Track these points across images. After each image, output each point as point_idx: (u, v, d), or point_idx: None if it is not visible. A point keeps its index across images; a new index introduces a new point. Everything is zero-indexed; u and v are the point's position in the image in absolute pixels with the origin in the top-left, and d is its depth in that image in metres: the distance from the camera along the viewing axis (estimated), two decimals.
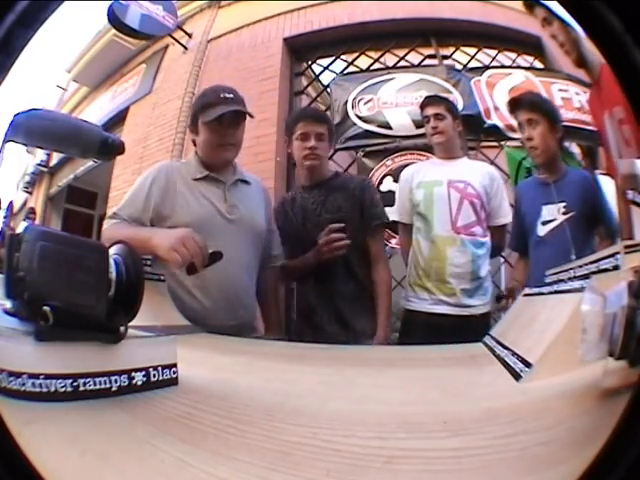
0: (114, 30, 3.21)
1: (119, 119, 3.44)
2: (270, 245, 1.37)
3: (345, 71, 3.03)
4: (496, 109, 2.62)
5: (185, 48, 3.43)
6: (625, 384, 0.35)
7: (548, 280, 0.85)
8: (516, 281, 1.57)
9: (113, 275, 0.48)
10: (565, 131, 1.50)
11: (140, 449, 0.35)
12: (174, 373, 0.49)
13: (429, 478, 0.33)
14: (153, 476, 0.32)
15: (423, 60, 2.97)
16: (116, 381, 0.43)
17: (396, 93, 2.73)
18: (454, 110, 1.66)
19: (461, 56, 3.00)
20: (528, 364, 0.53)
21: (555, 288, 0.68)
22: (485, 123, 2.62)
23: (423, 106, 1.64)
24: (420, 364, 0.72)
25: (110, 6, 2.92)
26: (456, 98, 2.61)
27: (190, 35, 3.48)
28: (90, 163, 3.25)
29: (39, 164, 4.08)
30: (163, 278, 1.23)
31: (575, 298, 0.53)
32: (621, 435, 0.30)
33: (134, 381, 0.45)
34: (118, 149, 0.62)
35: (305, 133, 1.43)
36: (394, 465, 0.34)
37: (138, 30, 3.03)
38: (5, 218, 0.58)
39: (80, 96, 4.19)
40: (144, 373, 0.46)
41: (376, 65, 3.02)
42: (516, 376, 0.54)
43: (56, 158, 3.98)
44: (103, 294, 0.47)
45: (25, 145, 0.55)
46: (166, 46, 3.59)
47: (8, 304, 0.45)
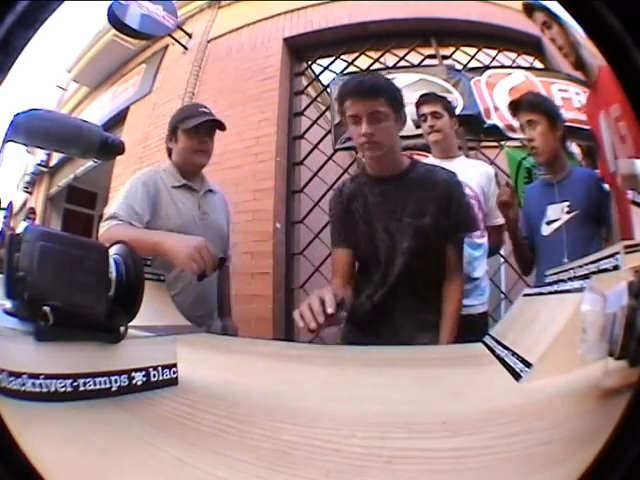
0: (114, 30, 3.20)
1: (119, 119, 3.44)
2: (227, 245, 1.55)
3: (345, 71, 3.03)
4: (496, 109, 2.62)
5: (185, 48, 3.43)
6: (625, 384, 0.35)
7: (548, 280, 0.85)
8: None
9: (113, 275, 0.48)
10: (565, 129, 1.50)
11: (140, 449, 0.35)
12: (174, 373, 0.49)
13: (429, 478, 0.33)
14: (153, 476, 0.32)
15: (423, 60, 2.97)
16: (116, 381, 0.43)
17: None
18: (451, 108, 1.65)
19: (461, 56, 3.00)
20: (528, 364, 0.53)
21: (555, 288, 0.68)
22: (485, 123, 2.62)
23: (419, 104, 1.62)
24: (420, 364, 0.72)
25: (110, 6, 2.92)
26: (456, 98, 2.62)
27: (190, 35, 3.48)
28: (90, 163, 3.25)
29: (39, 164, 4.08)
30: (163, 278, 1.25)
31: (575, 298, 0.53)
32: (621, 435, 0.30)
33: (134, 381, 0.45)
34: (118, 149, 0.62)
35: (355, 115, 1.13)
36: (394, 465, 0.34)
37: (138, 30, 3.03)
38: (5, 218, 0.58)
39: (80, 96, 4.19)
40: (144, 373, 0.46)
41: (376, 65, 3.02)
42: (516, 376, 0.54)
43: (56, 158, 3.98)
44: (103, 294, 0.47)
45: (25, 145, 0.55)
46: (166, 46, 3.59)
47: (8, 304, 0.45)
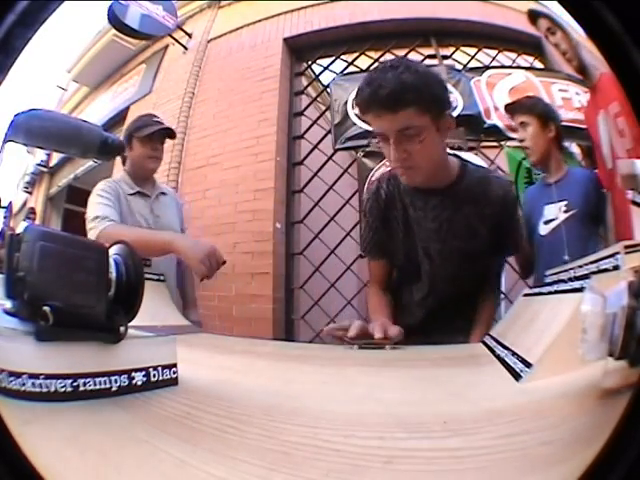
0: (114, 30, 3.20)
1: (119, 119, 3.43)
2: None
3: (345, 71, 3.03)
4: (496, 109, 2.62)
5: (185, 48, 3.43)
6: (625, 384, 0.35)
7: (548, 280, 0.85)
8: None
9: (113, 275, 0.48)
10: (560, 130, 1.51)
11: (140, 449, 0.35)
12: (174, 373, 0.49)
13: (429, 478, 0.33)
14: (153, 476, 0.32)
15: (423, 60, 2.97)
16: (116, 381, 0.43)
17: None
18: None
19: (461, 56, 3.00)
20: (528, 364, 0.53)
21: (555, 288, 0.68)
22: (485, 123, 2.62)
23: None
24: (420, 364, 0.72)
25: (110, 6, 2.92)
26: (456, 98, 2.62)
27: (190, 35, 3.48)
28: (90, 163, 3.25)
29: (39, 164, 4.08)
30: (163, 278, 1.26)
31: (575, 298, 0.53)
32: (621, 435, 0.30)
33: (134, 381, 0.45)
34: (118, 149, 0.62)
35: (380, 134, 0.91)
36: (394, 465, 0.34)
37: (138, 30, 3.03)
38: (5, 218, 0.58)
39: (80, 96, 4.19)
40: (144, 373, 0.46)
41: (376, 65, 3.01)
42: (516, 376, 0.54)
43: (56, 158, 3.99)
44: (103, 294, 0.47)
45: (25, 145, 0.55)
46: (166, 46, 3.59)
47: (8, 304, 0.45)
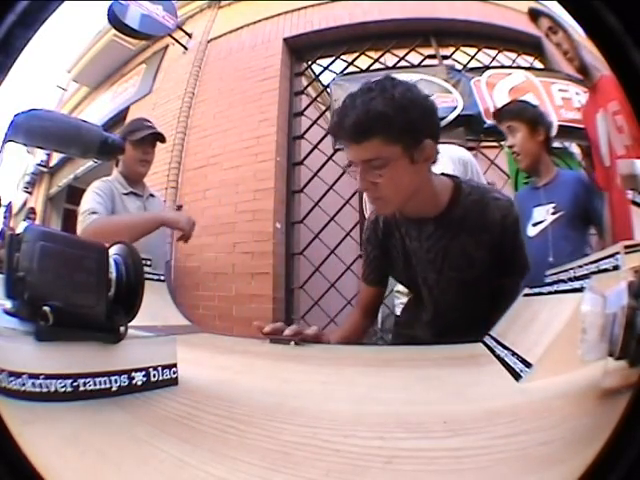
0: (114, 30, 3.20)
1: (119, 119, 3.43)
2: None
3: (345, 71, 3.03)
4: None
5: (185, 48, 3.43)
6: (625, 384, 0.35)
7: (548, 280, 0.85)
8: None
9: (113, 275, 0.48)
10: (550, 133, 1.52)
11: (140, 449, 0.35)
12: (174, 373, 0.49)
13: (429, 478, 0.33)
14: (153, 476, 0.32)
15: (423, 60, 2.97)
16: (116, 381, 0.43)
17: None
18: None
19: (461, 56, 3.00)
20: (528, 364, 0.53)
21: (555, 288, 0.68)
22: (485, 123, 2.62)
23: None
24: (420, 364, 0.72)
25: (110, 6, 2.92)
26: (456, 98, 2.62)
27: (190, 35, 3.48)
28: (90, 163, 3.25)
29: (39, 164, 4.08)
30: (163, 278, 1.26)
31: (575, 298, 0.53)
32: (621, 435, 0.30)
33: (134, 381, 0.45)
34: (118, 149, 0.62)
35: (352, 161, 0.89)
36: (394, 465, 0.34)
37: (138, 30, 3.03)
38: (5, 218, 0.58)
39: (80, 96, 4.19)
40: (144, 373, 0.46)
41: (376, 65, 3.02)
42: (516, 376, 0.54)
43: (56, 158, 3.99)
44: (103, 294, 0.47)
45: (25, 145, 0.55)
46: (166, 46, 3.59)
47: (8, 304, 0.45)
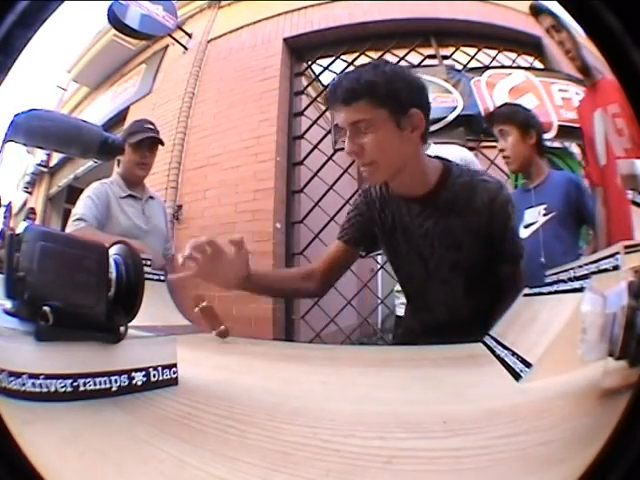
0: (114, 30, 3.20)
1: (119, 119, 3.44)
2: (166, 240, 1.83)
3: (345, 71, 3.03)
4: None
5: (185, 48, 3.43)
6: (625, 384, 0.35)
7: (548, 280, 0.85)
8: None
9: (113, 275, 0.48)
10: (542, 135, 1.52)
11: (140, 449, 0.35)
12: (174, 373, 0.49)
13: (429, 478, 0.33)
14: (153, 476, 0.32)
15: (423, 60, 2.97)
16: (116, 381, 0.43)
17: None
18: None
19: (461, 56, 3.00)
20: (528, 364, 0.53)
21: (555, 288, 0.68)
22: (485, 123, 2.62)
23: None
24: (420, 364, 0.72)
25: (110, 6, 2.92)
26: (456, 98, 2.62)
27: (190, 35, 3.48)
28: (90, 163, 3.25)
29: (39, 164, 4.09)
30: (163, 278, 1.26)
31: (575, 298, 0.53)
32: (621, 435, 0.30)
33: (134, 381, 0.45)
34: (118, 149, 0.62)
35: (341, 128, 0.92)
36: (394, 465, 0.34)
37: (138, 30, 3.03)
38: (5, 218, 0.58)
39: (80, 96, 4.19)
40: (144, 373, 0.46)
41: None
42: (516, 376, 0.54)
43: (56, 158, 3.99)
44: (103, 294, 0.47)
45: (25, 145, 0.55)
46: (166, 46, 3.59)
47: (8, 304, 0.45)
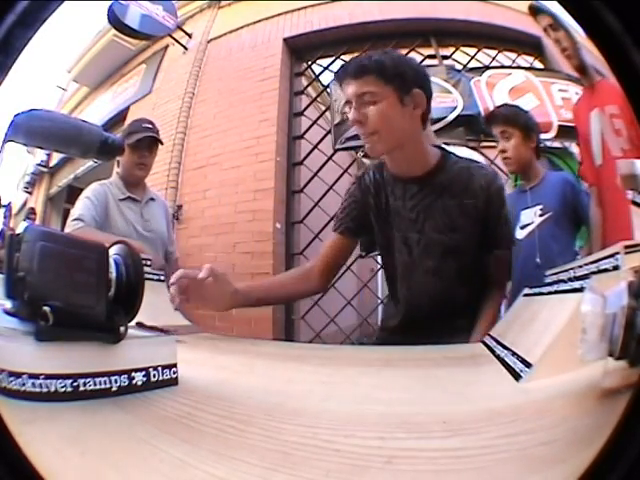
0: (114, 30, 3.21)
1: (119, 119, 3.44)
2: (169, 243, 1.80)
3: None
4: None
5: (185, 48, 3.43)
6: (625, 384, 0.35)
7: (548, 280, 0.85)
8: None
9: (113, 275, 0.48)
10: (540, 138, 1.53)
11: (140, 449, 0.35)
12: (174, 373, 0.49)
13: (429, 478, 0.33)
14: (153, 476, 0.32)
15: (423, 60, 2.97)
16: (116, 381, 0.43)
17: None
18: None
19: (461, 56, 3.00)
20: (528, 364, 0.53)
21: (555, 288, 0.68)
22: (484, 123, 2.61)
23: None
24: (420, 364, 0.72)
25: (110, 6, 2.92)
26: (456, 98, 2.62)
27: (190, 35, 3.48)
28: (90, 163, 3.25)
29: (39, 164, 4.09)
30: (163, 278, 1.26)
31: (575, 298, 0.53)
32: (621, 434, 0.30)
33: (134, 381, 0.45)
34: (118, 149, 0.62)
35: (348, 101, 0.96)
36: (394, 465, 0.34)
37: (138, 30, 3.03)
38: (5, 218, 0.58)
39: (80, 96, 4.20)
40: (144, 373, 0.46)
41: None
42: (516, 376, 0.54)
43: (56, 158, 3.99)
44: (103, 294, 0.47)
45: (25, 145, 0.55)
46: (166, 46, 3.59)
47: (8, 304, 0.45)
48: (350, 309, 2.71)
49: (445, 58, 2.97)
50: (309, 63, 3.16)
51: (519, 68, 2.86)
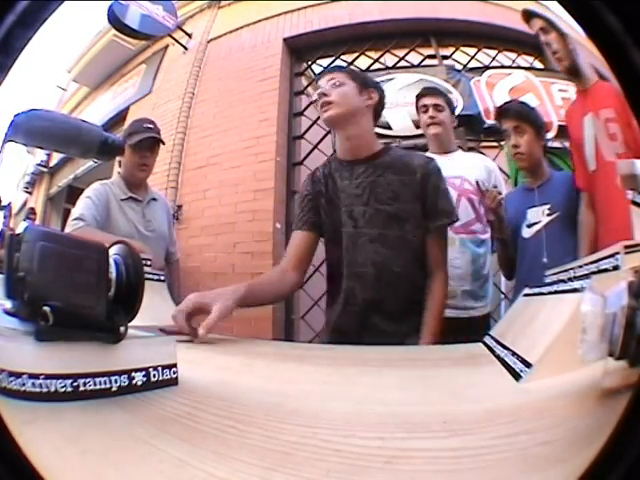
0: (114, 30, 3.21)
1: (119, 119, 3.44)
2: (170, 243, 1.81)
3: None
4: None
5: (185, 48, 3.43)
6: (625, 384, 0.35)
7: (548, 280, 0.85)
8: None
9: (113, 275, 0.48)
10: (546, 137, 1.53)
11: (140, 449, 0.35)
12: (174, 373, 0.49)
13: (429, 478, 0.33)
14: (153, 476, 0.32)
15: (423, 60, 2.97)
16: (116, 381, 0.43)
17: (396, 93, 2.74)
18: (452, 104, 1.66)
19: (461, 56, 3.00)
20: (528, 364, 0.53)
21: (555, 288, 0.68)
22: (485, 123, 2.62)
23: (421, 96, 1.62)
24: (420, 364, 0.72)
25: (110, 6, 2.92)
26: (456, 98, 2.62)
27: (190, 35, 3.48)
28: (90, 163, 3.25)
29: (39, 164, 4.09)
30: (163, 278, 1.26)
31: (575, 298, 0.53)
32: (621, 434, 0.30)
33: (134, 381, 0.45)
34: (118, 149, 0.62)
35: (320, 91, 1.17)
36: (394, 465, 0.34)
37: (138, 30, 3.04)
38: (5, 218, 0.58)
39: (80, 96, 4.20)
40: (144, 373, 0.46)
41: (376, 65, 3.02)
42: (516, 376, 0.54)
43: (56, 158, 3.99)
44: (103, 294, 0.47)
45: (25, 145, 0.55)
46: (166, 46, 3.59)
47: (8, 304, 0.45)
48: None
49: (445, 58, 2.97)
50: (309, 63, 3.16)
51: (519, 68, 2.87)
